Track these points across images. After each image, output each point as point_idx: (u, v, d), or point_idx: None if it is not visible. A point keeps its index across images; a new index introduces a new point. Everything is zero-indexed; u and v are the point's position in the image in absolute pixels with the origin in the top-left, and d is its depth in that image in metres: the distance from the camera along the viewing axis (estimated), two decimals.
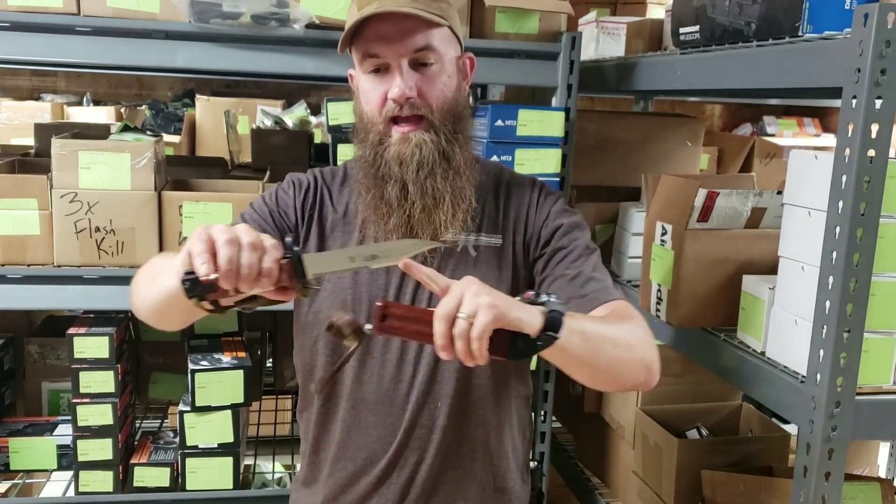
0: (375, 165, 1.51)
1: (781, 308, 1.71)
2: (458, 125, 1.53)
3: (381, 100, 1.49)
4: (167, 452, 2.40)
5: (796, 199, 1.67)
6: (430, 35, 1.48)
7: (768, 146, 3.76)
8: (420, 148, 1.49)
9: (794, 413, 1.62)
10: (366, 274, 1.56)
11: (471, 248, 1.58)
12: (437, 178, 1.50)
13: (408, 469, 1.57)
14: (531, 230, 1.61)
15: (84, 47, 2.12)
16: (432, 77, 1.50)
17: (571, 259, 1.56)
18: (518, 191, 1.66)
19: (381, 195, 1.52)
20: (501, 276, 1.58)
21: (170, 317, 1.46)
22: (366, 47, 1.49)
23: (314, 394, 1.62)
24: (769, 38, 1.74)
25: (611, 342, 1.34)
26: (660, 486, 2.20)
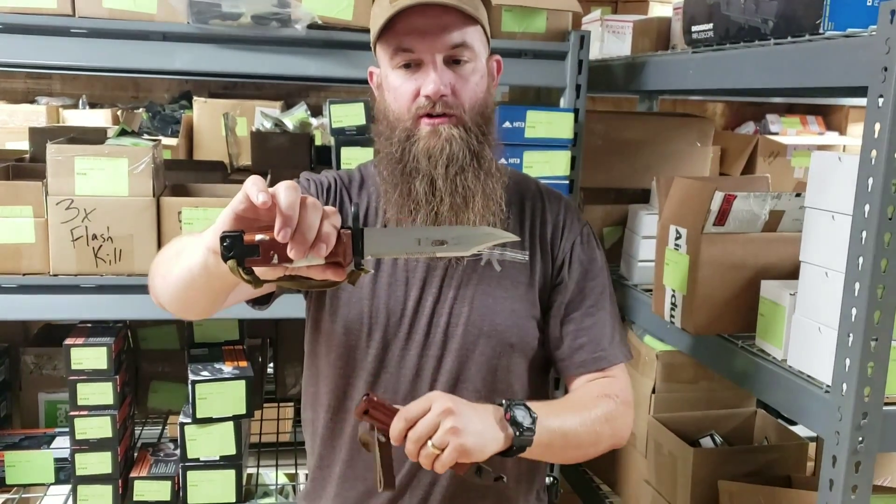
0: (402, 161, 1.44)
1: (804, 315, 1.65)
2: (486, 127, 1.48)
3: (412, 96, 1.43)
4: (168, 465, 2.34)
5: (819, 202, 1.62)
6: (465, 32, 1.42)
7: (772, 145, 3.71)
8: (450, 143, 1.42)
9: (819, 424, 1.56)
10: (384, 285, 1.50)
11: (495, 263, 1.52)
12: (468, 176, 1.44)
13: (421, 490, 1.51)
14: (557, 253, 1.57)
15: (79, 49, 2.07)
16: (466, 76, 1.44)
17: (589, 304, 1.56)
18: (547, 207, 1.61)
19: (408, 191, 1.44)
20: (526, 293, 1.53)
21: (196, 298, 1.30)
22: (398, 41, 1.42)
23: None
24: (788, 35, 1.68)
25: (576, 444, 1.44)
26: (674, 496, 2.14)
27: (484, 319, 1.49)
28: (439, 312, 1.49)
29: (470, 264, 1.51)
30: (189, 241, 1.25)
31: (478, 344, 1.49)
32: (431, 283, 1.50)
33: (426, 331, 1.49)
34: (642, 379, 2.32)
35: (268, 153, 2.82)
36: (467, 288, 1.50)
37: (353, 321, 1.50)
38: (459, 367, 1.48)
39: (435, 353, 1.49)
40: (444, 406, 1.23)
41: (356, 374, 1.52)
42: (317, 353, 1.58)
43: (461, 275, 1.50)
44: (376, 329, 1.49)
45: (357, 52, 2.15)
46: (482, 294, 1.50)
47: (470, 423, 1.24)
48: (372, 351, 1.50)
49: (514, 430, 1.30)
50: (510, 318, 1.51)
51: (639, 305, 2.29)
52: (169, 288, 1.31)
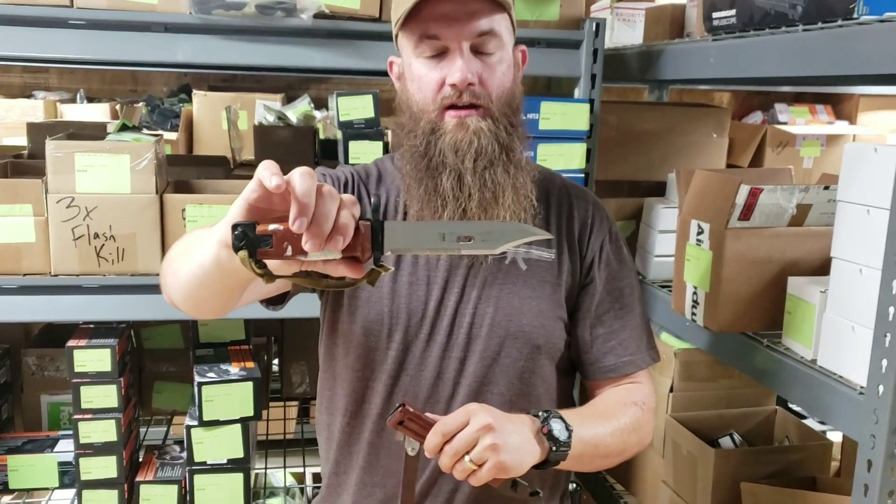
0: (428, 156, 1.37)
1: (835, 313, 1.59)
2: (515, 118, 1.41)
3: (438, 85, 1.37)
4: (174, 469, 2.28)
5: (852, 195, 1.55)
6: (493, 19, 1.36)
7: (780, 134, 3.65)
8: (478, 136, 1.35)
9: (852, 427, 1.50)
10: (405, 284, 1.43)
11: (520, 262, 1.46)
12: (498, 170, 1.37)
13: (442, 497, 1.45)
14: (586, 252, 1.52)
15: (78, 41, 2.00)
16: (493, 66, 1.38)
17: (619, 307, 1.52)
18: (573, 204, 1.55)
19: (434, 187, 1.37)
20: (553, 293, 1.47)
21: (208, 296, 1.22)
22: (424, 28, 1.35)
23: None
24: (818, 21, 1.61)
25: (605, 454, 1.42)
26: (694, 497, 2.08)
27: (510, 320, 1.43)
28: (462, 313, 1.43)
29: (494, 263, 1.45)
30: (200, 236, 1.18)
31: (503, 346, 1.44)
32: (454, 282, 1.44)
33: (448, 332, 1.43)
34: (660, 378, 2.26)
35: (271, 147, 2.76)
36: (492, 287, 1.44)
37: (372, 322, 1.44)
38: (484, 370, 1.42)
39: (458, 356, 1.43)
40: (484, 422, 1.20)
41: (375, 376, 1.46)
42: (334, 356, 1.51)
43: (485, 274, 1.44)
44: (396, 330, 1.43)
45: (365, 42, 2.08)
46: (508, 294, 1.44)
47: (509, 439, 1.21)
48: (392, 353, 1.44)
49: (551, 444, 1.27)
50: (537, 318, 1.45)
51: (655, 302, 2.22)
52: (181, 286, 1.23)
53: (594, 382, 1.54)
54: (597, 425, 1.38)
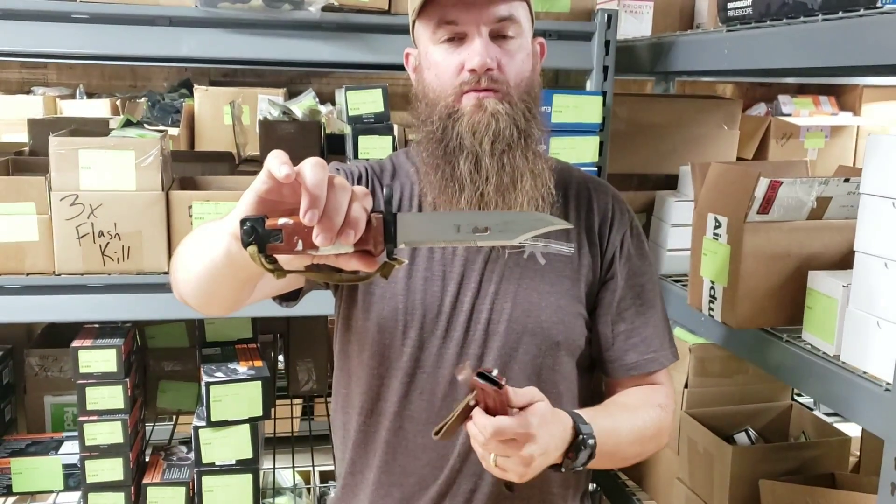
0: (444, 140, 1.34)
1: (859, 308, 1.55)
2: (534, 108, 1.38)
3: (456, 70, 1.34)
4: (181, 470, 2.24)
5: (877, 188, 1.52)
6: (512, 5, 1.34)
7: (785, 126, 3.62)
8: (496, 118, 1.32)
9: (878, 424, 1.47)
10: (420, 280, 1.40)
11: (539, 256, 1.43)
12: (516, 154, 1.34)
13: (461, 497, 1.42)
14: (606, 247, 1.48)
15: (81, 36, 1.96)
16: (512, 52, 1.35)
17: (640, 304, 1.49)
18: (592, 197, 1.51)
19: (451, 172, 1.34)
20: (572, 288, 1.44)
21: (220, 291, 1.19)
22: (442, 13, 1.33)
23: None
24: (838, 11, 1.58)
25: (622, 459, 1.45)
26: (711, 495, 2.05)
27: (528, 316, 1.40)
28: (479, 308, 1.40)
29: (512, 257, 1.42)
30: (209, 231, 1.15)
31: (521, 342, 1.40)
32: (470, 277, 1.41)
33: (465, 328, 1.40)
34: (674, 373, 2.22)
35: (277, 143, 2.71)
36: (509, 282, 1.40)
37: (387, 318, 1.40)
38: (502, 368, 1.38)
39: (475, 352, 1.40)
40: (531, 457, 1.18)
41: (391, 374, 1.42)
42: (348, 354, 1.48)
43: (502, 268, 1.41)
44: (412, 326, 1.40)
45: (373, 35, 2.05)
46: (525, 289, 1.41)
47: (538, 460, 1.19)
48: (407, 350, 1.40)
49: (567, 463, 1.26)
50: (556, 314, 1.41)
51: (668, 296, 2.19)
52: (192, 281, 1.20)
53: (615, 381, 1.51)
54: (622, 436, 1.37)
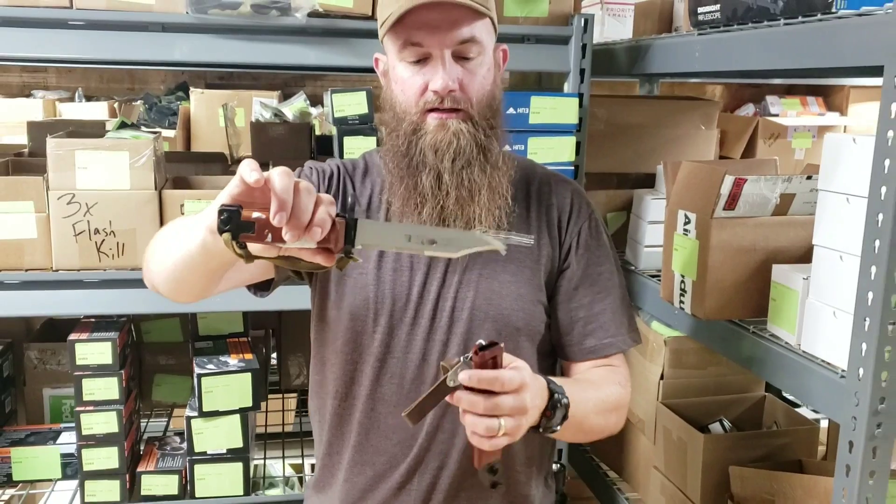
0: (409, 155, 1.43)
1: (817, 299, 1.63)
2: (494, 119, 1.47)
3: (420, 90, 1.42)
4: (175, 459, 2.33)
5: (833, 184, 1.59)
6: (475, 27, 1.41)
7: (772, 126, 3.70)
8: (458, 137, 1.41)
9: (834, 409, 1.54)
10: (389, 271, 1.49)
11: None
12: (475, 170, 1.43)
13: (429, 475, 1.50)
14: (564, 237, 1.56)
15: (78, 42, 2.05)
16: (474, 70, 1.43)
17: (596, 290, 1.56)
18: (553, 190, 1.60)
19: (415, 185, 1.44)
20: (532, 277, 1.52)
21: (191, 280, 1.34)
22: (408, 35, 1.40)
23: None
24: (798, 15, 1.65)
25: (587, 431, 1.48)
26: (684, 482, 2.13)
27: (489, 303, 1.48)
28: (444, 297, 1.49)
29: None
30: (185, 224, 1.29)
31: (484, 328, 1.48)
32: (436, 268, 1.49)
33: (432, 315, 1.48)
34: (650, 365, 2.30)
35: (268, 144, 2.80)
36: (472, 272, 1.49)
37: (358, 307, 1.49)
38: (465, 352, 1.46)
39: (441, 338, 1.48)
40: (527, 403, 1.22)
41: (363, 359, 1.51)
42: (323, 342, 1.57)
43: (466, 259, 1.49)
44: (382, 314, 1.48)
45: (358, 39, 2.13)
46: (487, 278, 1.49)
47: (528, 419, 1.24)
48: (378, 336, 1.49)
49: (543, 423, 1.31)
50: (516, 302, 1.50)
51: (645, 291, 2.27)
52: (165, 270, 1.34)
53: (573, 364, 1.58)
54: (589, 404, 1.42)
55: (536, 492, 1.61)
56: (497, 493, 1.54)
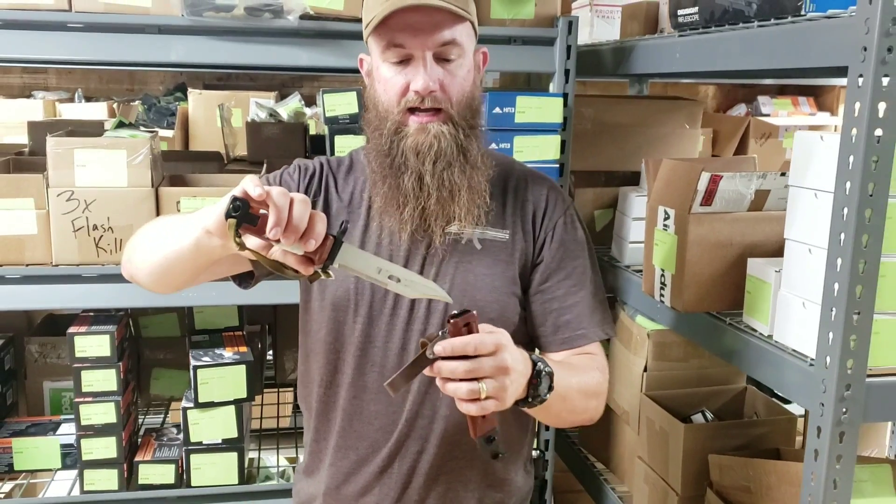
0: (391, 155, 1.50)
1: (788, 291, 1.70)
2: (474, 119, 1.53)
3: (402, 90, 1.48)
4: (171, 449, 2.39)
5: (802, 180, 1.66)
6: (455, 30, 1.47)
7: (763, 126, 3.75)
8: (438, 140, 1.48)
9: (804, 396, 1.61)
10: None
11: (476, 241, 1.57)
12: (455, 171, 1.49)
13: (409, 458, 1.57)
14: (539, 232, 1.62)
15: (76, 44, 2.11)
16: (454, 72, 1.49)
17: (571, 283, 1.61)
18: (529, 188, 1.65)
19: (397, 186, 1.50)
20: (506, 270, 1.58)
21: (176, 274, 1.45)
22: (391, 36, 1.46)
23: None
24: (771, 17, 1.72)
25: (570, 410, 1.49)
26: (666, 470, 2.19)
27: (464, 295, 1.54)
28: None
29: (451, 243, 1.56)
30: (174, 223, 1.42)
31: None
32: (414, 261, 1.56)
33: (410, 306, 1.55)
34: (634, 358, 2.37)
35: (263, 143, 2.87)
36: (448, 265, 1.55)
37: (340, 299, 1.56)
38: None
39: (419, 328, 1.55)
40: (508, 363, 1.23)
41: (345, 348, 1.58)
42: (308, 332, 1.64)
43: (442, 253, 1.56)
44: (362, 305, 1.55)
45: (348, 41, 2.18)
46: (463, 271, 1.56)
47: (514, 383, 1.26)
48: (359, 326, 1.56)
49: (531, 394, 1.33)
50: (490, 294, 1.56)
51: (630, 286, 2.33)
52: (151, 264, 1.46)
53: (549, 354, 1.62)
54: (571, 381, 1.45)
55: (515, 476, 1.67)
56: (476, 476, 1.60)
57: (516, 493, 1.69)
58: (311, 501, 1.67)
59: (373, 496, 1.59)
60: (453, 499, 1.60)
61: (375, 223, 1.57)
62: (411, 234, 1.53)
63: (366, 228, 1.58)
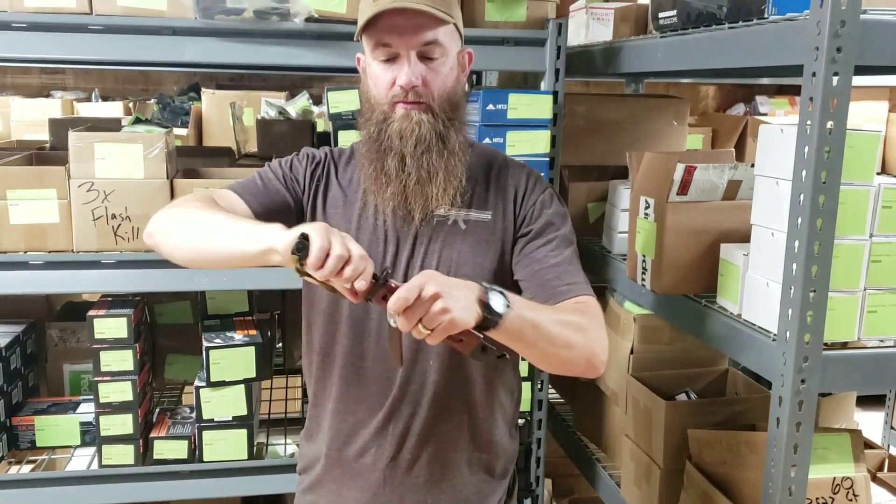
0: (378, 140, 1.65)
1: (755, 272, 1.83)
2: (455, 112, 1.67)
3: (389, 84, 1.63)
4: (184, 426, 2.54)
5: (766, 170, 1.79)
6: (437, 31, 1.61)
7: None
8: (420, 125, 1.62)
9: (768, 369, 1.74)
10: (365, 243, 1.68)
11: (461, 222, 1.71)
12: (433, 154, 1.64)
13: (402, 421, 1.71)
14: (520, 210, 1.75)
15: (96, 45, 2.25)
16: (436, 69, 1.64)
17: (551, 248, 1.71)
18: (510, 173, 1.79)
19: (382, 167, 1.65)
20: (489, 248, 1.72)
21: (225, 264, 1.62)
22: (379, 37, 1.61)
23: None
24: (738, 19, 1.85)
25: (548, 340, 1.49)
26: (650, 446, 2.31)
27: (450, 271, 1.68)
28: (412, 265, 1.70)
29: (438, 224, 1.70)
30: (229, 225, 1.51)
31: None
32: (405, 240, 1.70)
33: (402, 282, 1.67)
34: (622, 341, 2.49)
35: (272, 139, 3.00)
36: (435, 244, 1.70)
37: None
38: None
39: None
40: (432, 291, 1.34)
41: (342, 320, 1.72)
42: (310, 305, 1.79)
43: (430, 233, 1.71)
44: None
45: (351, 42, 2.28)
46: (448, 249, 1.70)
47: (456, 302, 1.36)
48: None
49: (486, 312, 1.40)
50: (474, 269, 1.69)
51: (619, 274, 2.46)
52: (194, 250, 1.55)
53: None
54: (541, 312, 1.52)
55: (501, 438, 1.81)
56: (464, 438, 1.74)
57: (502, 455, 1.83)
58: (314, 463, 1.82)
59: (370, 456, 1.73)
60: (443, 458, 1.74)
61: (371, 207, 1.71)
62: (394, 212, 1.67)
63: (361, 211, 1.72)
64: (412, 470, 1.73)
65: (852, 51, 1.52)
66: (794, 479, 1.69)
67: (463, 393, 1.73)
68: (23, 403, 2.68)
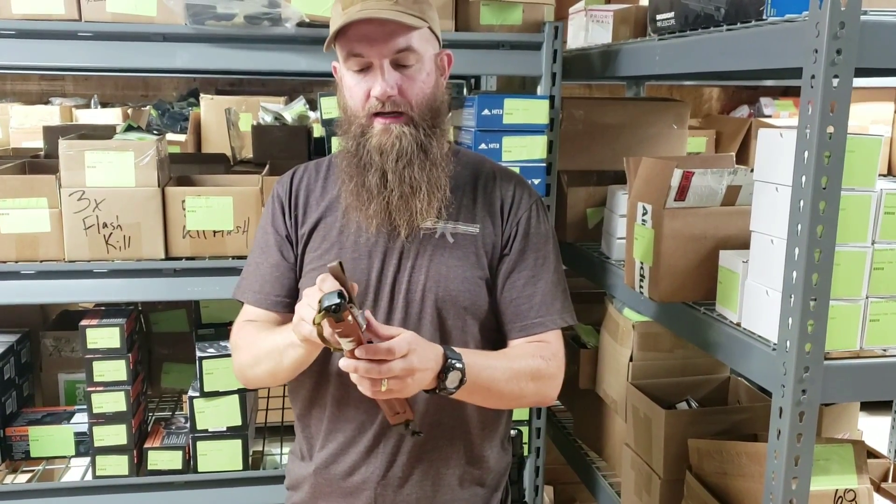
0: (358, 155, 1.61)
1: (754, 280, 1.79)
2: (436, 119, 1.63)
3: (365, 96, 1.59)
4: (179, 437, 2.51)
5: (765, 175, 1.75)
6: (410, 37, 1.57)
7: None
8: (400, 139, 1.58)
9: (768, 379, 1.70)
10: (349, 259, 1.65)
11: (448, 236, 1.68)
12: (415, 168, 1.60)
13: (393, 439, 1.68)
14: (505, 226, 1.72)
15: (86, 51, 2.22)
16: (412, 76, 1.59)
17: (530, 273, 1.71)
18: (497, 184, 1.75)
19: (363, 183, 1.61)
20: (477, 261, 1.68)
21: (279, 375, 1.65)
22: (350, 47, 1.57)
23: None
24: (737, 21, 1.81)
25: (498, 396, 1.61)
26: (650, 456, 2.28)
27: (439, 286, 1.65)
28: (399, 281, 1.66)
29: (426, 237, 1.67)
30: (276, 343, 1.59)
31: (435, 307, 1.65)
32: (392, 255, 1.67)
33: (390, 297, 1.66)
34: (621, 349, 2.46)
35: (268, 145, 2.98)
36: (423, 258, 1.66)
37: None
38: (419, 330, 1.62)
39: (399, 317, 1.65)
40: (412, 365, 1.38)
41: None
42: None
43: (417, 247, 1.67)
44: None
45: None
46: (437, 263, 1.66)
47: (418, 379, 1.41)
48: None
49: (439, 386, 1.48)
50: (462, 284, 1.66)
51: (617, 281, 2.42)
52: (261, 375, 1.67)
53: (509, 341, 1.73)
54: (496, 370, 1.57)
55: (491, 453, 1.77)
56: (456, 454, 1.71)
57: (494, 468, 1.79)
58: (302, 482, 1.78)
59: (359, 475, 1.69)
60: (435, 475, 1.70)
61: (353, 223, 1.67)
62: (378, 229, 1.64)
63: (344, 227, 1.68)
64: (403, 488, 1.69)
65: (852, 53, 1.48)
66: (794, 491, 1.65)
67: (454, 409, 1.69)
68: (17, 413, 2.66)
